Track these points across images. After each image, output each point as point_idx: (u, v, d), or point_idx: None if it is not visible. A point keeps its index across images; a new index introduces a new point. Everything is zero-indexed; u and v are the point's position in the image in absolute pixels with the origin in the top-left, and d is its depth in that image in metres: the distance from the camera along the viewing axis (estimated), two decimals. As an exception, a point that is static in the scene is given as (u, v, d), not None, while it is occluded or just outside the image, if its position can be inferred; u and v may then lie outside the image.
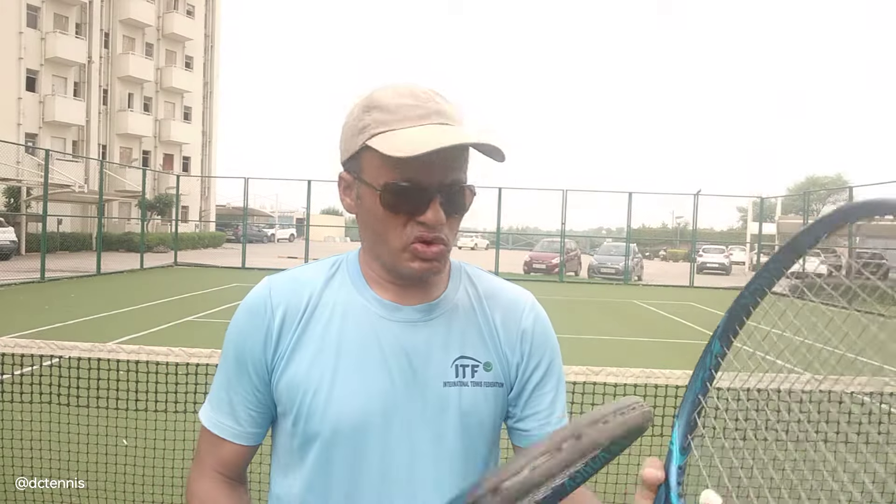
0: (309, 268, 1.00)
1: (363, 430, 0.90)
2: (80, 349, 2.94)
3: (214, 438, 0.97)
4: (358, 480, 0.91)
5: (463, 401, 0.93)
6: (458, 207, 0.91)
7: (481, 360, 0.96)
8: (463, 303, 0.98)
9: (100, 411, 3.32)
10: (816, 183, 55.81)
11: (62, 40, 31.50)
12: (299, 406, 0.91)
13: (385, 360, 0.92)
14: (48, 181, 16.87)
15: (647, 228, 46.64)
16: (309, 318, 0.94)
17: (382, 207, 0.89)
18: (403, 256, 0.90)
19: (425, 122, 0.87)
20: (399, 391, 0.91)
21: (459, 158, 0.90)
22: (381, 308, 0.95)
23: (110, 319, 10.38)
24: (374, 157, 0.88)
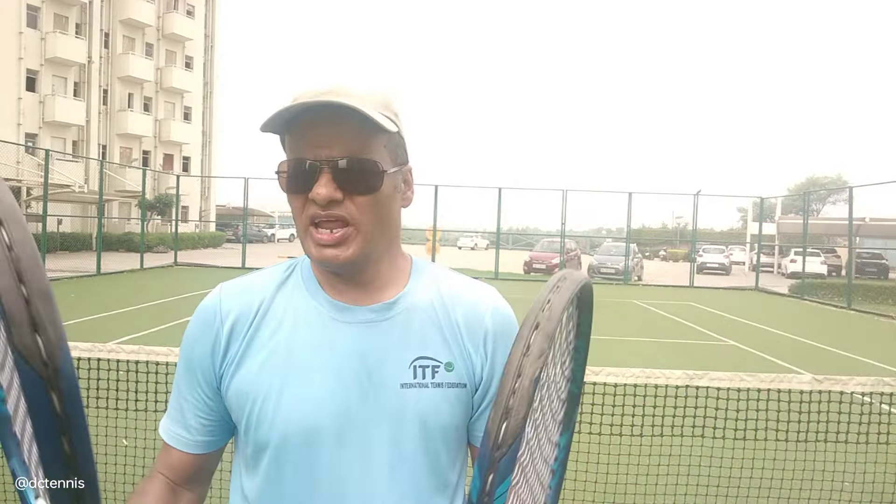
0: (262, 273, 0.98)
1: (314, 437, 0.87)
2: (80, 349, 2.94)
3: (165, 444, 0.97)
4: (311, 490, 0.88)
5: (421, 403, 0.88)
6: (358, 185, 0.85)
7: (442, 360, 0.91)
8: (423, 302, 0.94)
9: (100, 411, 3.32)
10: (816, 183, 55.80)
11: (62, 40, 31.49)
12: (248, 414, 0.89)
13: (338, 363, 0.88)
14: (48, 181, 16.88)
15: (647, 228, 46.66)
16: (259, 325, 0.91)
17: (283, 190, 0.89)
18: (306, 243, 0.88)
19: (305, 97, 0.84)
20: (353, 396, 0.87)
21: (352, 132, 0.84)
22: (333, 310, 0.91)
23: (110, 319, 10.38)
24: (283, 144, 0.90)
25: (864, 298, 18.12)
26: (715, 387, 2.98)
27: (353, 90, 0.85)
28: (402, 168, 0.93)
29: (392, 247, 0.95)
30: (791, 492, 3.38)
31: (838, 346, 10.37)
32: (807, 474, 3.37)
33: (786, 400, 3.21)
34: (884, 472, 3.46)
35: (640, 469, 3.36)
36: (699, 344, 10.25)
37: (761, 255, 24.88)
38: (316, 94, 0.83)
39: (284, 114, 0.82)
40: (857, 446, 3.25)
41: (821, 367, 8.13)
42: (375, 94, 0.87)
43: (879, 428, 3.22)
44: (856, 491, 3.43)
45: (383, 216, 0.89)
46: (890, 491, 3.61)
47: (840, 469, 3.30)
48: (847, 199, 18.55)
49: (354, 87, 0.86)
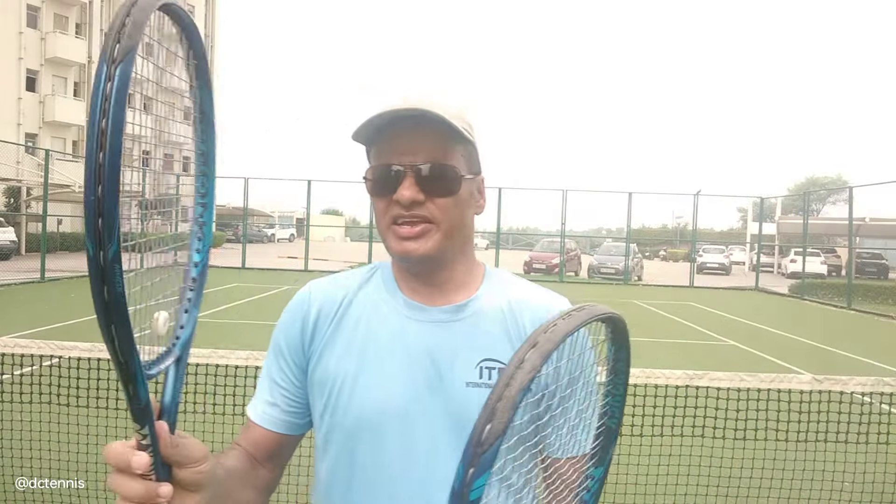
0: (348, 273, 1.08)
1: (382, 425, 0.93)
2: (80, 349, 2.94)
3: (249, 422, 1.02)
4: (379, 472, 0.94)
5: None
6: (440, 188, 0.92)
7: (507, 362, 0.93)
8: (492, 306, 0.99)
9: (100, 411, 3.32)
10: (816, 183, 55.81)
11: (62, 40, 31.51)
12: (327, 398, 0.97)
13: (409, 359, 0.95)
14: (48, 181, 16.88)
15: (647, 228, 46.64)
16: (342, 318, 1.00)
17: (369, 193, 0.97)
18: (388, 237, 0.95)
19: (391, 107, 0.91)
20: (421, 389, 0.94)
21: (434, 140, 0.92)
22: (409, 309, 0.99)
23: (110, 319, 10.37)
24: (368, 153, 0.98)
25: (864, 298, 18.12)
26: (715, 387, 2.98)
27: (435, 102, 0.92)
28: (476, 177, 1.01)
29: (466, 251, 1.02)
30: (791, 492, 3.38)
31: (838, 346, 10.36)
32: (807, 474, 3.37)
33: (786, 400, 3.20)
34: (884, 472, 3.46)
35: (640, 469, 3.36)
36: (699, 344, 10.25)
37: (761, 255, 24.88)
38: (400, 106, 0.90)
39: (376, 120, 0.91)
40: (857, 446, 3.25)
41: (821, 367, 8.13)
42: (454, 106, 0.95)
43: (879, 428, 3.22)
44: (856, 491, 3.43)
45: (460, 218, 0.96)
46: (890, 491, 3.61)
47: (840, 469, 3.30)
48: (847, 200, 18.56)
49: (436, 98, 0.93)
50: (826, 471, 3.32)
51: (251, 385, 3.55)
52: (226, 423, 3.44)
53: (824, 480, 3.32)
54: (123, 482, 0.64)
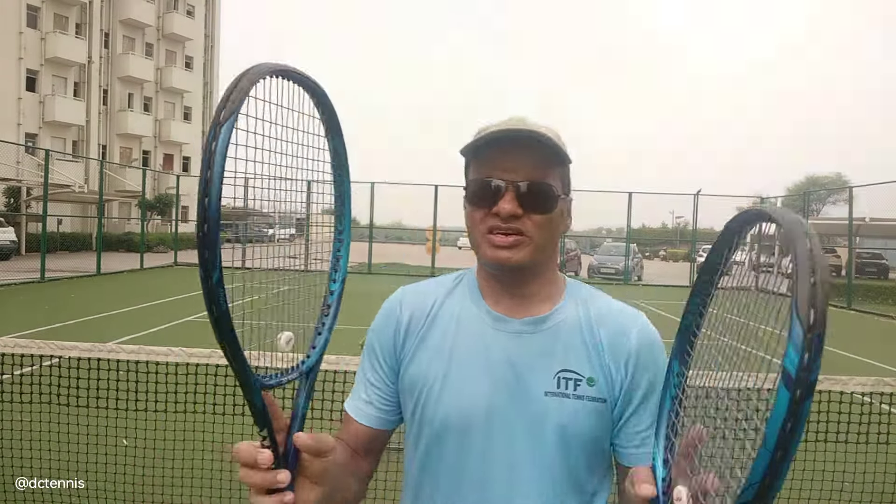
0: (436, 280, 1.15)
1: (467, 428, 1.00)
2: (80, 349, 2.94)
3: (347, 416, 1.11)
4: (462, 471, 1.00)
5: (563, 412, 0.98)
6: (537, 205, 0.98)
7: (585, 374, 1.00)
8: (571, 319, 1.04)
9: (100, 411, 3.32)
10: (816, 183, 55.75)
11: (62, 40, 31.50)
12: (416, 399, 1.04)
13: (490, 367, 1.01)
14: (48, 181, 16.87)
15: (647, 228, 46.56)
16: (431, 324, 1.07)
17: (467, 203, 1.03)
18: (482, 245, 1.00)
19: (500, 124, 0.99)
20: (502, 396, 0.99)
21: (535, 160, 0.99)
22: (492, 319, 1.04)
23: (110, 319, 10.38)
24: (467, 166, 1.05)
25: (864, 298, 18.12)
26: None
27: (537, 125, 0.99)
28: (567, 197, 1.06)
29: (550, 266, 1.07)
30: (791, 492, 3.38)
31: (838, 346, 10.37)
32: (807, 474, 3.37)
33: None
34: (884, 472, 3.46)
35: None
36: (699, 344, 10.23)
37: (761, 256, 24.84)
38: (507, 126, 0.98)
39: (484, 139, 0.97)
40: (857, 446, 3.25)
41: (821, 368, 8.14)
42: (552, 129, 1.01)
43: (879, 428, 3.23)
44: (856, 491, 3.43)
45: (551, 234, 1.02)
46: (890, 491, 3.61)
47: (840, 469, 3.30)
48: (847, 200, 18.55)
49: (536, 122, 1.01)
50: (826, 471, 3.32)
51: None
52: (226, 423, 3.43)
53: (824, 480, 3.32)
54: (251, 474, 0.74)
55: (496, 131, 0.97)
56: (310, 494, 0.78)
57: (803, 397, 0.52)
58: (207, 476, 3.40)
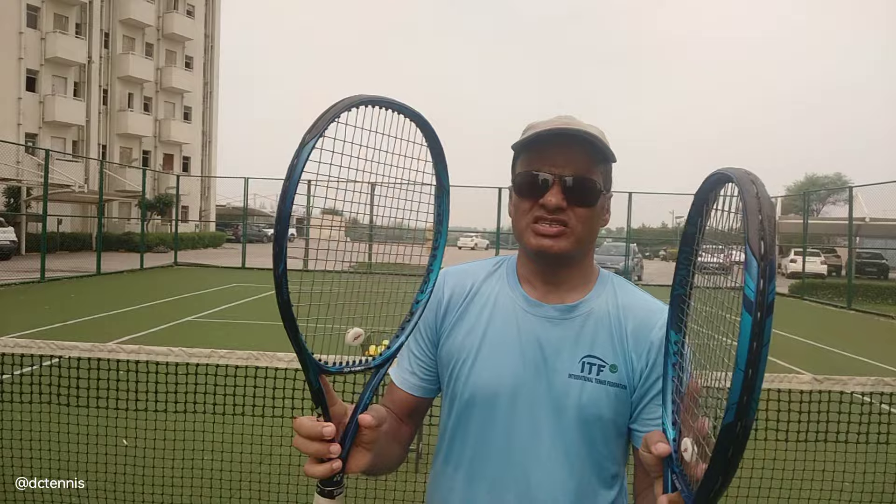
0: (477, 263, 1.24)
1: (493, 400, 1.08)
2: (80, 349, 2.94)
3: (391, 384, 1.21)
4: (487, 440, 1.09)
5: (584, 394, 1.05)
6: (581, 199, 1.05)
7: (608, 361, 1.07)
8: (600, 308, 1.11)
9: (100, 411, 3.32)
10: (816, 183, 55.73)
11: (62, 40, 31.48)
12: (451, 370, 1.13)
13: (521, 346, 1.09)
14: (48, 181, 16.87)
15: (647, 228, 46.56)
16: (469, 302, 1.16)
17: (515, 193, 1.11)
18: (526, 234, 1.08)
19: (550, 122, 1.08)
20: (528, 374, 1.07)
21: (581, 157, 1.06)
22: (526, 303, 1.12)
23: (110, 319, 10.38)
24: (516, 159, 1.12)
25: (864, 298, 18.11)
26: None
27: (584, 124, 1.07)
28: (608, 194, 1.13)
29: (587, 257, 1.14)
30: (791, 492, 3.38)
31: (838, 346, 10.36)
32: (807, 474, 3.37)
33: (786, 400, 3.20)
34: (884, 472, 3.46)
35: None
36: (699, 344, 10.22)
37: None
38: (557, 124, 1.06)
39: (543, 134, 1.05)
40: (857, 446, 3.25)
41: (821, 367, 8.13)
42: (598, 129, 1.09)
43: (879, 428, 3.22)
44: (856, 491, 3.43)
45: (591, 227, 1.09)
46: (890, 491, 3.61)
47: (840, 469, 3.30)
48: (847, 200, 18.53)
49: (583, 122, 1.09)
50: (826, 471, 3.32)
51: (251, 385, 3.55)
52: (226, 423, 3.43)
53: (824, 480, 3.32)
54: (308, 444, 0.83)
55: (549, 128, 1.04)
56: (361, 460, 0.87)
57: (764, 317, 0.58)
58: (207, 476, 3.40)
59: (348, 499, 0.99)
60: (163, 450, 3.52)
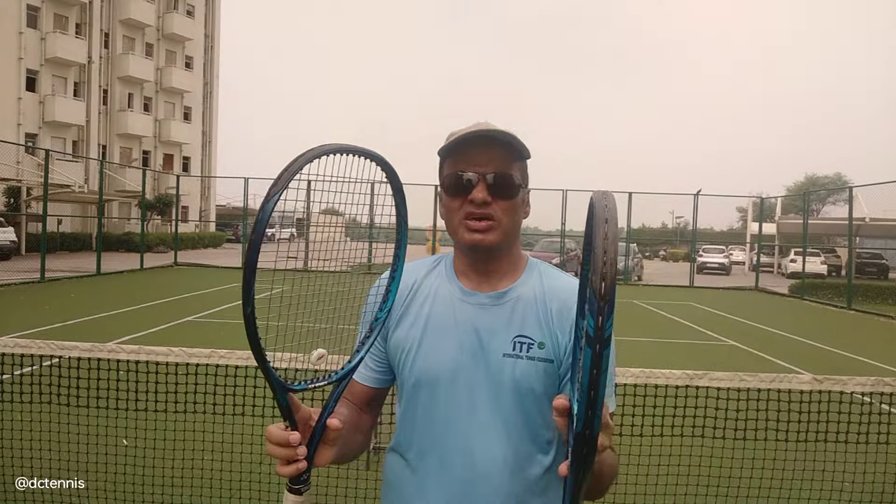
0: (419, 262, 1.34)
1: (436, 382, 1.20)
2: (80, 349, 2.94)
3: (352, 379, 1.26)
4: (432, 420, 1.21)
5: (517, 370, 1.17)
6: (503, 192, 1.17)
7: (536, 339, 1.19)
8: (528, 293, 1.23)
9: (100, 411, 3.32)
10: (816, 183, 55.75)
11: (62, 40, 31.48)
12: (399, 360, 1.25)
13: (458, 332, 1.20)
14: (48, 181, 16.87)
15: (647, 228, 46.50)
16: (412, 298, 1.27)
17: (445, 193, 1.22)
18: (460, 230, 1.19)
19: (469, 127, 1.18)
20: (467, 357, 1.19)
21: (500, 156, 1.18)
22: (462, 293, 1.24)
23: (110, 319, 10.38)
24: (443, 164, 1.24)
25: (864, 298, 18.10)
26: (715, 387, 2.98)
27: (501, 127, 1.18)
28: (525, 189, 1.25)
29: (514, 246, 1.26)
30: (791, 492, 3.38)
31: (838, 346, 10.37)
32: (807, 474, 3.37)
33: (786, 400, 3.20)
34: (884, 472, 3.46)
35: (640, 469, 3.36)
36: (699, 344, 10.25)
37: (761, 255, 24.86)
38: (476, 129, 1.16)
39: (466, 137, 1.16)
40: (857, 446, 3.25)
41: (821, 367, 8.13)
42: (513, 131, 1.20)
43: (879, 428, 3.22)
44: (856, 491, 3.43)
45: (514, 219, 1.21)
46: (890, 491, 3.61)
47: (840, 469, 3.30)
48: (847, 200, 18.52)
49: (500, 126, 1.20)
50: (826, 471, 3.32)
51: (251, 385, 3.56)
52: (226, 423, 3.44)
53: (824, 480, 3.32)
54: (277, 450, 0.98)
55: (469, 132, 1.16)
56: (327, 455, 1.03)
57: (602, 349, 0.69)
58: (207, 476, 3.40)
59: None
60: (163, 450, 3.52)
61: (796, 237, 28.24)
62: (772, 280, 26.21)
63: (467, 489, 1.17)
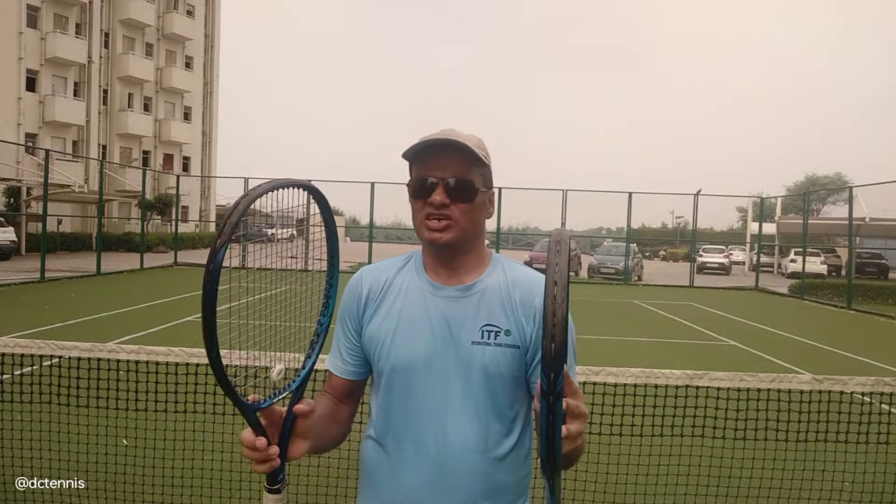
0: (390, 260, 1.43)
1: (410, 371, 1.28)
2: (80, 349, 2.94)
3: (329, 373, 1.41)
4: (407, 405, 1.29)
5: (486, 356, 1.27)
6: (461, 196, 1.26)
7: (503, 327, 1.28)
8: (493, 285, 1.32)
9: (100, 411, 3.32)
10: (816, 183, 55.76)
11: (62, 40, 31.48)
12: (374, 351, 1.33)
13: (430, 324, 1.29)
14: (48, 181, 16.86)
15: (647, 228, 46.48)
16: (385, 294, 1.36)
17: (410, 196, 1.32)
18: (421, 229, 1.29)
19: (434, 134, 1.28)
20: (438, 345, 1.28)
21: (458, 162, 1.26)
22: (431, 287, 1.33)
23: (110, 319, 10.38)
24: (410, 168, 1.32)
25: (864, 298, 18.10)
26: (715, 387, 2.98)
27: (462, 135, 1.29)
28: (489, 191, 1.35)
29: (477, 244, 1.36)
30: (791, 492, 3.38)
31: (838, 346, 10.36)
32: (807, 474, 3.37)
33: (786, 400, 3.20)
34: (884, 472, 3.46)
35: (640, 469, 3.36)
36: (699, 344, 10.25)
37: (761, 255, 24.86)
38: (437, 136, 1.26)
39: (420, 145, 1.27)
40: (857, 446, 3.25)
41: (821, 367, 8.13)
42: (474, 139, 1.31)
43: (879, 428, 3.22)
44: (856, 491, 3.43)
45: (473, 219, 1.30)
46: (890, 491, 3.61)
47: (840, 469, 3.30)
48: (847, 199, 18.52)
49: (461, 133, 1.30)
50: (826, 471, 3.32)
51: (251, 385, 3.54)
52: (226, 423, 3.43)
53: (824, 480, 3.33)
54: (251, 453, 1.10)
55: (426, 140, 1.26)
56: (300, 447, 1.16)
57: (555, 400, 0.82)
58: (207, 476, 3.40)
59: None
60: (163, 450, 3.53)
61: (796, 237, 28.24)
62: (772, 280, 26.21)
63: (441, 469, 1.26)
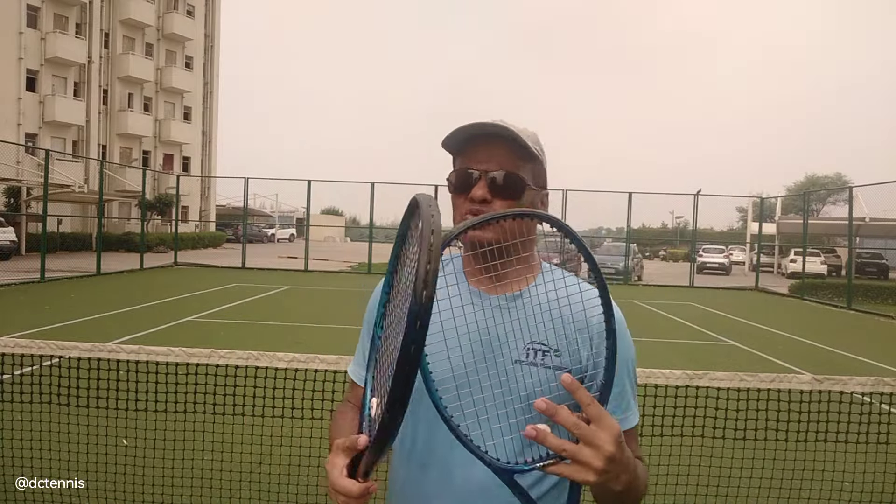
0: None
1: (442, 384, 1.09)
2: (80, 349, 2.94)
3: (351, 380, 1.30)
4: (437, 425, 1.11)
5: (529, 378, 1.11)
6: (506, 192, 1.13)
7: (552, 346, 1.13)
8: (542, 297, 1.16)
9: (100, 411, 3.32)
10: (816, 183, 55.76)
11: (62, 40, 31.48)
12: None
13: (468, 336, 1.12)
14: (48, 181, 16.87)
15: (647, 228, 46.48)
16: None
17: (450, 190, 1.19)
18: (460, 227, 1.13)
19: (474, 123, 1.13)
20: (475, 363, 1.12)
21: (504, 154, 1.13)
22: (472, 296, 1.18)
23: (110, 319, 10.38)
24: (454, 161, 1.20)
25: (864, 298, 18.11)
26: (715, 387, 2.98)
27: (513, 126, 1.13)
28: (541, 191, 1.20)
29: (525, 248, 1.18)
30: (791, 492, 3.38)
31: (838, 346, 10.36)
32: (807, 474, 3.37)
33: (786, 400, 3.20)
34: (884, 472, 3.46)
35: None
36: (699, 344, 10.25)
37: (761, 255, 24.86)
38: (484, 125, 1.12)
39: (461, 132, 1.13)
40: (857, 446, 3.25)
41: (821, 367, 8.13)
42: (528, 132, 1.16)
43: (879, 428, 3.22)
44: (856, 491, 3.43)
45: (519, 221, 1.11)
46: (890, 491, 3.61)
47: (840, 469, 3.30)
48: (847, 199, 18.52)
49: (512, 124, 1.14)
50: (826, 471, 3.32)
51: (251, 385, 3.55)
52: (226, 423, 3.44)
53: (824, 480, 3.32)
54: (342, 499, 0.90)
55: (468, 126, 1.12)
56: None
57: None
58: (207, 476, 3.40)
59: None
60: (163, 450, 3.52)
61: (796, 237, 28.24)
62: (772, 280, 26.20)
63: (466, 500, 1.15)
